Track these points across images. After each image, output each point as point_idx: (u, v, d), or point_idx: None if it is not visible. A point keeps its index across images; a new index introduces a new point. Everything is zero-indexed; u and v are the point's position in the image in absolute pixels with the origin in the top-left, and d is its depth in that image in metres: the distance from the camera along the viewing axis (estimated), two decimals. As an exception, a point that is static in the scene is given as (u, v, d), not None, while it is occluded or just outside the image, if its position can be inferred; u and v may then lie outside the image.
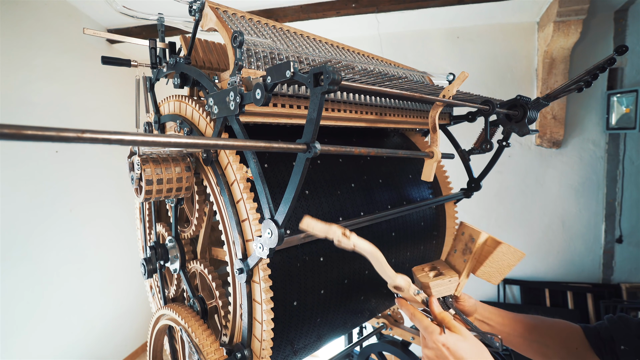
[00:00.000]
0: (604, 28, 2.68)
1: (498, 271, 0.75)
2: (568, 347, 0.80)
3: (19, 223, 2.50)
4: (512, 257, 0.73)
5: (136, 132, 0.45)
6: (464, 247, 0.78)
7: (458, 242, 0.82)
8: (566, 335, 0.81)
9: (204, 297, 0.94)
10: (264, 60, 0.82)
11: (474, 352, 0.61)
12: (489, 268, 0.75)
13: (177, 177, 0.82)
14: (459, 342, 0.61)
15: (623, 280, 2.87)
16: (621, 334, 0.74)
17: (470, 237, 0.78)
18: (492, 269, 0.75)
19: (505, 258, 0.74)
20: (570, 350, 0.80)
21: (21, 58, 2.50)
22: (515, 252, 0.73)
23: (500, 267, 0.74)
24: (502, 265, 0.74)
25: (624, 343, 0.73)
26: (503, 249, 0.73)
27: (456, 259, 0.80)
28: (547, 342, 0.82)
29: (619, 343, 0.73)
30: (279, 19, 2.71)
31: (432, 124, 0.96)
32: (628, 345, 0.72)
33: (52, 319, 2.74)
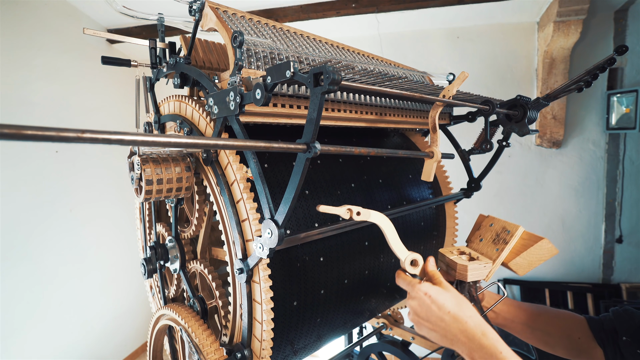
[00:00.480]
0: (604, 28, 2.68)
1: (529, 263, 0.78)
2: (571, 337, 0.81)
3: (19, 223, 2.50)
4: (547, 252, 0.77)
5: (136, 132, 0.45)
6: (495, 237, 0.81)
7: (485, 231, 0.84)
8: (569, 325, 0.82)
9: (204, 297, 0.94)
10: (264, 60, 0.82)
11: (455, 301, 0.63)
12: (523, 260, 0.77)
13: (177, 177, 0.82)
14: (440, 291, 0.65)
15: (623, 280, 2.87)
16: (624, 326, 0.75)
17: (503, 228, 0.81)
18: (525, 261, 0.77)
19: (541, 252, 0.77)
20: (572, 340, 0.80)
21: (21, 58, 2.50)
22: (551, 248, 0.77)
23: (533, 260, 0.77)
24: (534, 258, 0.77)
25: (626, 334, 0.73)
26: (543, 244, 0.76)
27: (484, 247, 0.82)
28: (550, 330, 0.83)
29: (621, 334, 0.74)
30: (279, 19, 2.71)
31: (432, 124, 0.96)
32: (630, 337, 0.73)
33: (52, 319, 2.74)
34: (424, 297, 0.65)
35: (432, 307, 0.63)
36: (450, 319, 0.62)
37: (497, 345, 0.57)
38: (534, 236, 0.77)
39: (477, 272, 0.76)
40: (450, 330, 0.62)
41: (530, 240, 0.77)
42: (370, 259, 1.08)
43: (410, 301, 0.68)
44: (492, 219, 0.85)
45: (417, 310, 0.66)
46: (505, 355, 0.55)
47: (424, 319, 0.65)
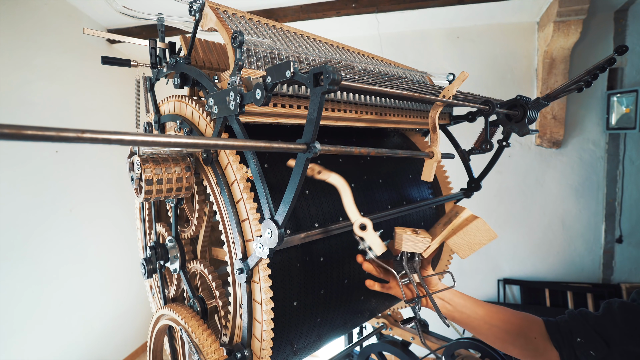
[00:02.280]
0: (604, 28, 2.68)
1: (468, 244, 0.80)
2: (527, 336, 0.81)
3: (19, 223, 2.50)
4: (484, 234, 0.78)
5: (136, 132, 0.45)
6: (447, 220, 0.84)
7: (445, 217, 0.87)
8: (526, 324, 0.83)
9: (204, 297, 0.94)
10: (264, 60, 0.82)
11: None
12: (460, 239, 0.80)
13: (177, 177, 0.82)
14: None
15: (623, 280, 2.87)
16: (578, 327, 0.76)
17: (455, 212, 0.84)
18: (463, 241, 0.80)
19: (478, 234, 0.79)
20: (529, 339, 0.81)
21: (21, 58, 2.50)
22: (488, 230, 0.78)
23: (471, 241, 0.79)
24: (473, 239, 0.79)
25: (580, 335, 0.74)
26: (478, 224, 0.78)
27: (437, 229, 0.86)
28: (508, 328, 0.83)
29: (576, 335, 0.75)
30: (279, 19, 2.71)
31: (432, 124, 0.96)
32: (584, 338, 0.74)
33: (52, 319, 2.74)
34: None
35: None
36: None
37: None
38: (472, 216, 0.79)
39: (413, 244, 0.78)
40: None
41: (469, 221, 0.79)
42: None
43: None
44: (454, 207, 0.87)
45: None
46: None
47: None
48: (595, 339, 0.72)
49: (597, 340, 0.72)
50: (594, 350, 0.72)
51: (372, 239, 0.74)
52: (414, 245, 0.78)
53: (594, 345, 0.72)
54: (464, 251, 0.80)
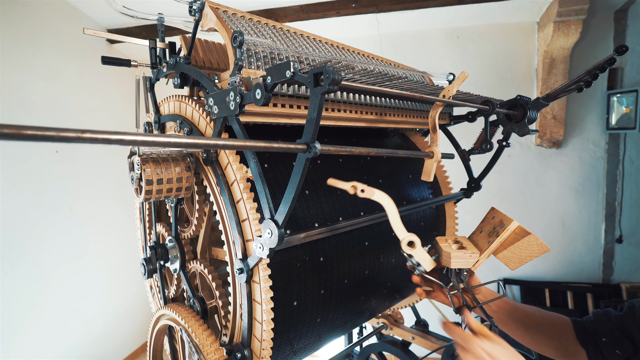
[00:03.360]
0: (604, 28, 2.68)
1: (519, 258, 0.79)
2: (560, 338, 0.84)
3: (18, 222, 2.50)
4: (536, 248, 0.77)
5: (136, 132, 0.45)
6: (491, 229, 0.83)
7: (486, 224, 0.86)
8: (559, 326, 0.85)
9: (204, 297, 0.94)
10: (264, 60, 0.82)
11: (508, 354, 0.67)
12: (511, 253, 0.79)
13: (177, 177, 0.82)
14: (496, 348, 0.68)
15: (623, 280, 2.87)
16: (603, 327, 0.78)
17: (500, 222, 0.82)
18: (514, 255, 0.79)
19: (529, 248, 0.77)
20: (562, 341, 0.84)
21: (21, 58, 2.50)
22: (541, 245, 0.77)
23: (522, 255, 0.78)
24: (524, 254, 0.78)
25: (605, 335, 0.76)
26: (530, 239, 0.77)
27: (480, 239, 0.84)
28: (544, 330, 0.86)
29: (601, 335, 0.77)
30: (279, 19, 2.71)
31: (432, 124, 0.96)
32: (608, 337, 0.75)
33: (51, 319, 2.74)
34: (481, 353, 0.67)
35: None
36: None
37: None
38: (525, 232, 0.78)
39: (462, 261, 0.78)
40: None
41: (521, 235, 0.78)
42: (370, 259, 1.08)
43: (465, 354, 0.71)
44: (495, 212, 0.86)
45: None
46: None
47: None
48: (620, 339, 0.73)
49: (622, 339, 0.73)
50: (620, 349, 0.73)
51: (421, 256, 0.74)
52: (462, 262, 0.78)
53: (619, 345, 0.73)
54: (513, 264, 0.80)
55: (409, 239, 0.72)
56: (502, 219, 0.82)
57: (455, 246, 0.82)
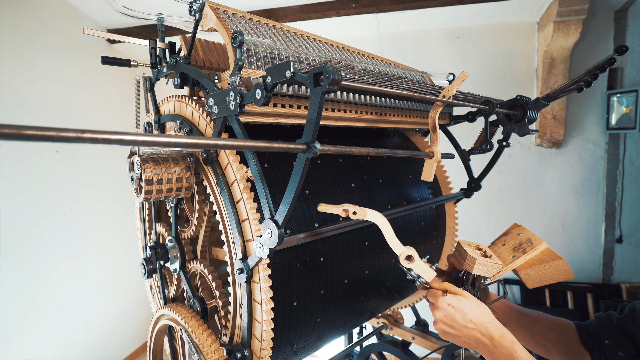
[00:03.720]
0: (604, 28, 2.68)
1: (540, 278, 0.80)
2: (565, 342, 0.85)
3: (18, 222, 2.50)
4: (562, 274, 0.78)
5: (136, 132, 0.45)
6: (517, 245, 0.84)
7: (510, 238, 0.87)
8: (563, 330, 0.86)
9: (204, 297, 0.94)
10: (264, 60, 0.82)
11: (476, 309, 0.70)
12: (535, 273, 0.80)
13: (177, 177, 0.82)
14: (461, 300, 0.71)
15: (623, 280, 2.87)
16: (605, 329, 0.78)
17: (528, 240, 0.83)
18: (537, 275, 0.80)
19: (555, 272, 0.79)
20: (567, 345, 0.84)
21: (21, 58, 2.50)
22: (567, 271, 0.78)
23: (545, 276, 0.79)
24: (547, 276, 0.79)
25: (608, 337, 0.77)
26: (559, 264, 0.78)
27: (503, 251, 0.85)
28: (549, 335, 0.86)
29: (604, 338, 0.78)
30: (279, 19, 2.71)
31: (432, 124, 0.96)
32: (611, 340, 0.76)
33: (51, 319, 2.74)
34: (448, 308, 0.71)
35: (456, 315, 0.70)
36: (473, 325, 0.68)
37: (514, 346, 0.66)
38: (554, 255, 0.79)
39: (484, 268, 0.77)
40: (473, 335, 0.69)
41: (548, 257, 0.79)
42: (370, 259, 1.08)
43: (435, 312, 0.74)
44: (521, 229, 0.87)
45: (443, 319, 0.72)
46: (519, 355, 0.65)
47: (450, 326, 0.71)
48: (622, 341, 0.74)
49: (624, 341, 0.74)
50: (622, 351, 0.74)
51: (420, 268, 0.74)
52: (485, 270, 0.77)
53: (622, 347, 0.74)
54: (533, 282, 0.80)
55: (407, 253, 0.72)
56: (531, 237, 0.83)
57: (479, 252, 0.81)
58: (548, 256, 0.79)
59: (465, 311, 0.69)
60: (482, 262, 0.76)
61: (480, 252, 0.80)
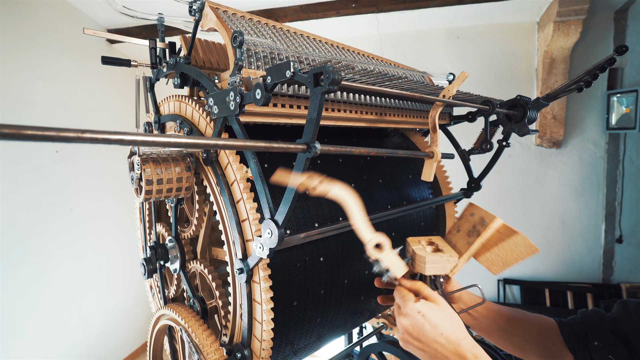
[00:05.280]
0: (604, 28, 2.68)
1: (503, 261, 0.70)
2: (545, 343, 0.78)
3: (18, 223, 2.50)
4: (524, 250, 0.68)
5: (136, 132, 0.45)
6: (471, 228, 0.73)
7: (464, 222, 0.76)
8: (544, 330, 0.80)
9: (204, 297, 0.94)
10: (264, 60, 0.82)
11: (449, 322, 0.60)
12: (495, 256, 0.70)
13: (177, 177, 0.82)
14: (435, 309, 0.61)
15: (623, 280, 2.87)
16: (595, 330, 0.72)
17: (481, 220, 0.71)
18: (498, 258, 0.70)
19: (516, 249, 0.68)
20: (547, 346, 0.78)
21: (21, 58, 2.50)
22: (529, 245, 0.68)
23: (508, 257, 0.69)
24: (509, 256, 0.69)
25: (598, 339, 0.71)
26: (518, 240, 0.67)
27: (458, 239, 0.74)
28: (527, 336, 0.80)
29: (593, 339, 0.71)
30: (279, 19, 2.71)
31: (432, 124, 0.96)
32: (601, 341, 0.70)
33: (51, 319, 2.74)
34: (417, 316, 0.61)
35: (425, 326, 0.60)
36: (444, 341, 0.59)
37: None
38: (510, 230, 0.68)
39: (438, 266, 0.67)
40: (441, 353, 0.59)
41: (506, 235, 0.68)
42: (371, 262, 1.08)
43: (402, 318, 0.64)
44: (473, 208, 0.74)
45: (409, 329, 0.62)
46: None
47: (415, 338, 0.61)
48: (613, 343, 0.68)
49: (616, 344, 0.68)
50: (613, 354, 0.68)
51: (391, 260, 0.64)
52: (438, 268, 0.68)
53: (613, 350, 0.68)
54: (497, 267, 0.71)
55: (377, 241, 0.61)
56: (483, 216, 0.71)
57: (430, 248, 0.71)
58: (504, 234, 0.68)
59: (436, 323, 0.59)
60: (433, 259, 0.67)
61: (431, 248, 0.72)
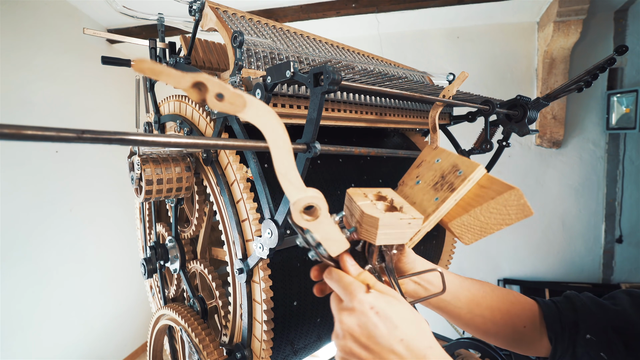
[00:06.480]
0: (604, 28, 2.68)
1: (482, 227, 0.51)
2: (515, 325, 0.64)
3: (19, 223, 2.50)
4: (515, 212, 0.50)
5: (136, 132, 0.45)
6: (440, 179, 0.51)
7: (427, 169, 0.54)
8: (516, 312, 0.65)
9: (204, 297, 0.94)
10: (264, 60, 0.82)
11: (411, 322, 0.43)
12: (474, 220, 0.50)
13: (177, 177, 0.82)
14: (393, 304, 0.43)
15: (623, 280, 2.87)
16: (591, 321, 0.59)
17: (454, 168, 0.51)
18: (477, 222, 0.50)
19: (504, 211, 0.50)
20: (516, 329, 0.64)
21: (21, 58, 2.50)
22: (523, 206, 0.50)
23: (491, 221, 0.50)
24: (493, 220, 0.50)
25: (592, 332, 0.58)
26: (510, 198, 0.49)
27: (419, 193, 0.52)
28: (494, 317, 0.65)
29: (585, 331, 0.58)
30: (279, 19, 2.71)
31: (432, 124, 0.96)
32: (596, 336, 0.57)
33: (52, 319, 2.74)
34: (369, 313, 0.42)
35: (379, 328, 0.42)
36: (404, 350, 0.41)
37: None
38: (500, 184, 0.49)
39: (395, 232, 0.45)
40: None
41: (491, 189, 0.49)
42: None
43: (345, 316, 0.44)
44: (439, 152, 0.54)
45: (355, 333, 0.43)
46: None
47: (363, 345, 0.42)
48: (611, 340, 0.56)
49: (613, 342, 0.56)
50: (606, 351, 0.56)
51: (327, 230, 0.43)
52: (395, 235, 0.46)
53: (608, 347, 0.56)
54: (472, 235, 0.52)
55: (307, 202, 0.39)
56: (457, 163, 0.50)
57: (381, 205, 0.48)
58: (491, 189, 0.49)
59: (395, 323, 0.42)
60: (389, 221, 0.44)
61: (384, 205, 0.49)
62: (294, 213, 0.40)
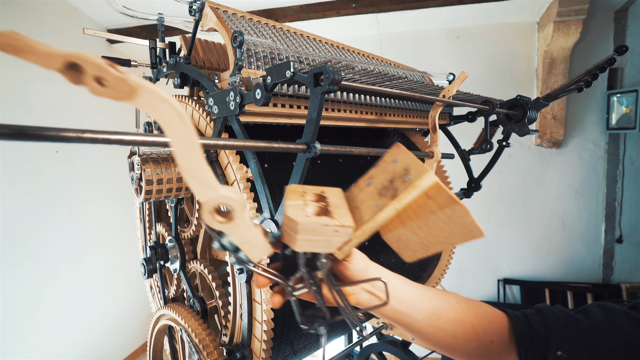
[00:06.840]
0: (604, 28, 2.68)
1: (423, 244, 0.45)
2: (481, 341, 0.60)
3: (19, 223, 2.50)
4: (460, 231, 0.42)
5: (136, 132, 0.45)
6: (388, 183, 0.45)
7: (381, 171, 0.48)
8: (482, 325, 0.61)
9: (204, 297, 0.94)
10: (264, 60, 0.82)
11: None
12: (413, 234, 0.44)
13: (177, 177, 0.82)
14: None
15: (623, 280, 2.87)
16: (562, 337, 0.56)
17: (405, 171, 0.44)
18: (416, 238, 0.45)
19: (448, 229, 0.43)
20: (481, 344, 0.60)
21: (21, 58, 2.50)
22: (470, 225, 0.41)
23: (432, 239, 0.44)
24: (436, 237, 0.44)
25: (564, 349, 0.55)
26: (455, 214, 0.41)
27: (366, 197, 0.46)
28: (457, 332, 0.59)
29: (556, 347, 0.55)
30: (279, 19, 2.71)
31: (432, 124, 0.96)
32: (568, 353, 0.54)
33: (51, 319, 2.74)
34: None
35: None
36: None
37: None
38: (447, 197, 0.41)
39: (318, 239, 0.41)
40: None
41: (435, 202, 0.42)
42: (370, 259, 1.08)
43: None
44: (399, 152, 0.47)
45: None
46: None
47: None
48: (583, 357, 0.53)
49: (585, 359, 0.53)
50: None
51: (244, 234, 0.39)
52: (318, 242, 0.42)
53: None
54: (412, 252, 0.47)
55: (218, 202, 0.35)
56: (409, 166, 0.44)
57: (314, 208, 0.44)
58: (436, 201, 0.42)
59: None
60: (311, 227, 0.40)
61: (318, 207, 0.45)
62: (204, 214, 0.35)
